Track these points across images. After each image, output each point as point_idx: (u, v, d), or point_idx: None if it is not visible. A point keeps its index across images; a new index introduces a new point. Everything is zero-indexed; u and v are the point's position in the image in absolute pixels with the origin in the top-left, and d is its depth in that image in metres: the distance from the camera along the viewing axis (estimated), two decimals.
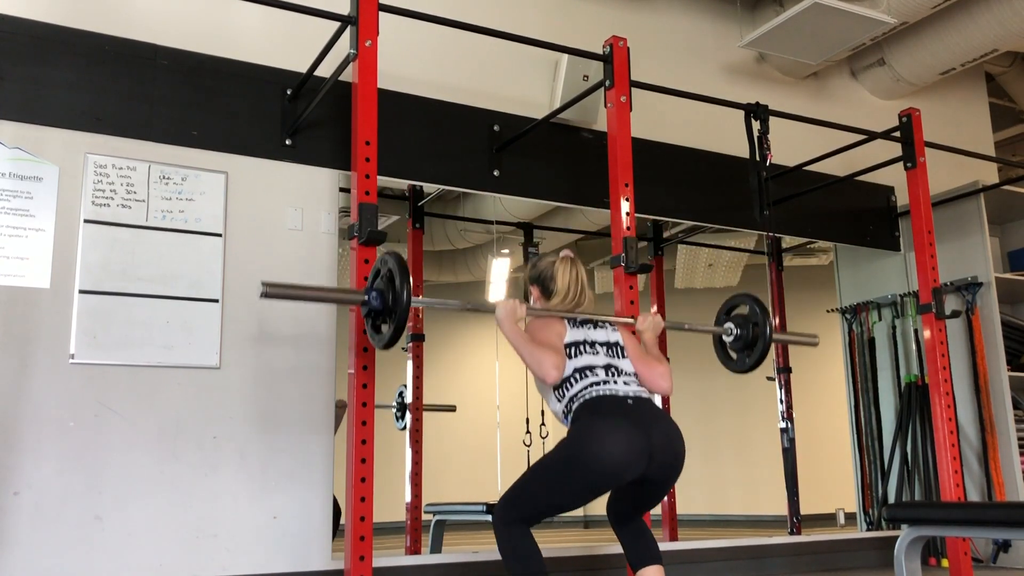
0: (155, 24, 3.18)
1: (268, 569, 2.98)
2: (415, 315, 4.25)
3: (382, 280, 2.39)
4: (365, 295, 2.39)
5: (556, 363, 2.43)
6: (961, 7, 4.45)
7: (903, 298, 4.72)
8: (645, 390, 2.53)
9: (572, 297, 2.63)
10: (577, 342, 2.54)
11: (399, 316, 2.31)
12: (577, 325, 2.59)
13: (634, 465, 2.31)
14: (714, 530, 5.29)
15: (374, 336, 2.45)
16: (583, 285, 2.65)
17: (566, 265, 2.66)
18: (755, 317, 2.99)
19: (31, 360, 2.78)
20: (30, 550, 2.67)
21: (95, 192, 2.96)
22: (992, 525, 2.41)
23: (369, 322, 2.46)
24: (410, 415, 4.15)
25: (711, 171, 4.31)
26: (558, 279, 2.64)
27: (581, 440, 2.35)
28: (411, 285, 2.32)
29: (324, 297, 2.64)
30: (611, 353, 2.56)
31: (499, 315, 2.51)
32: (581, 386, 2.46)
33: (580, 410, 2.43)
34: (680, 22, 4.55)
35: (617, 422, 2.33)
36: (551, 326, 2.56)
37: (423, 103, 3.64)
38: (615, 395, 2.43)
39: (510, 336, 2.49)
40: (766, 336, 2.95)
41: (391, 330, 2.34)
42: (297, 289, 2.49)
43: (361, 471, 2.48)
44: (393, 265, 2.34)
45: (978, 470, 4.30)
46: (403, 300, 2.29)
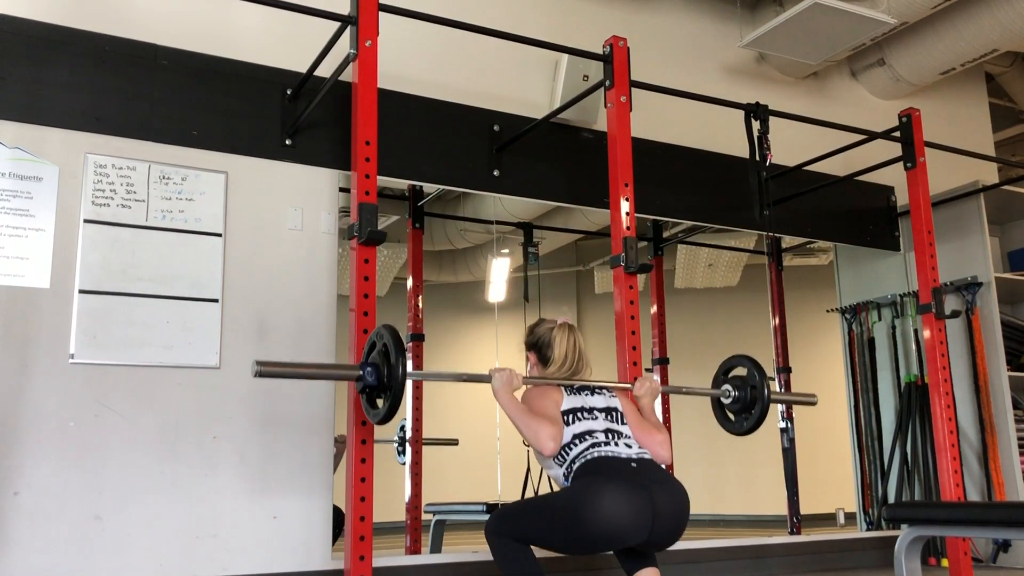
0: (155, 24, 3.18)
1: (268, 569, 2.98)
2: (414, 315, 4.25)
3: (377, 355, 2.35)
4: (360, 370, 2.35)
5: (553, 434, 2.40)
6: (961, 7, 4.45)
7: (903, 298, 4.72)
8: (648, 452, 2.50)
9: (569, 365, 2.63)
10: (575, 408, 2.52)
11: (395, 392, 2.28)
12: (574, 392, 2.58)
13: (635, 531, 2.27)
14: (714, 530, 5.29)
15: (370, 411, 2.40)
16: (580, 352, 2.65)
17: (564, 333, 2.66)
18: (753, 380, 2.96)
19: (31, 360, 2.78)
20: (30, 550, 2.67)
21: (95, 192, 2.96)
22: (992, 525, 2.41)
23: (364, 397, 2.41)
24: (411, 415, 4.15)
25: (711, 171, 4.31)
26: (555, 347, 2.65)
27: (584, 499, 2.28)
28: (406, 360, 2.28)
29: (319, 375, 2.63)
30: (610, 418, 2.55)
31: (495, 386, 2.49)
32: (582, 448, 2.43)
33: (581, 470, 2.39)
34: (680, 22, 4.55)
35: (620, 486, 2.27)
36: (548, 395, 2.55)
37: (423, 103, 3.64)
38: (618, 456, 2.40)
39: (506, 407, 2.46)
40: (764, 398, 2.92)
41: (387, 406, 2.32)
42: (291, 367, 2.46)
43: (361, 471, 2.48)
44: (388, 340, 2.30)
45: (978, 470, 4.30)
46: (398, 376, 2.26)
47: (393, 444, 4.23)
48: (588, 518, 2.24)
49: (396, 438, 4.23)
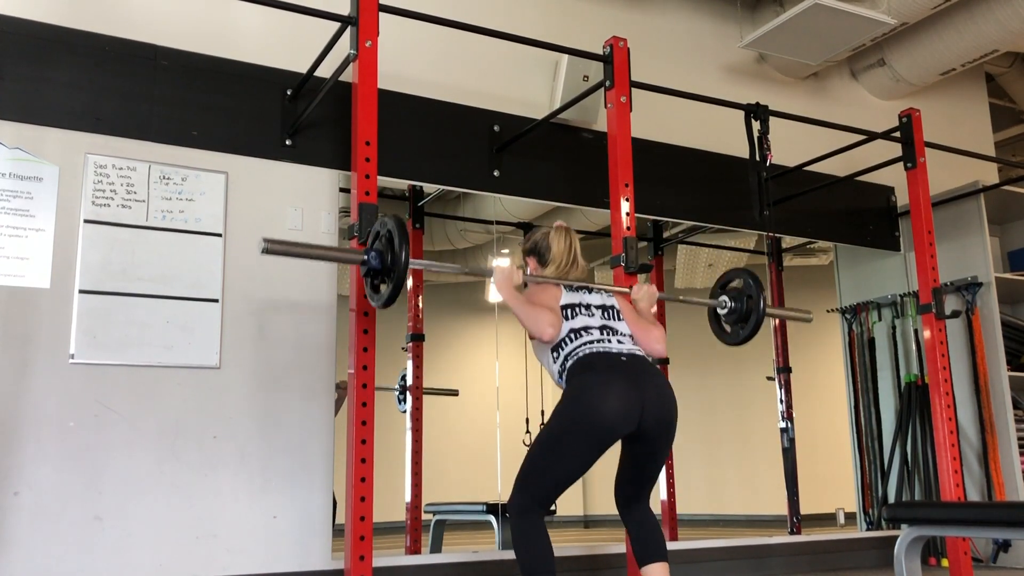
0: (155, 24, 3.18)
1: (268, 569, 2.98)
2: (414, 315, 4.25)
3: (381, 241, 2.42)
4: (364, 255, 2.42)
5: (552, 321, 2.48)
6: (961, 7, 4.45)
7: (903, 298, 4.72)
8: (640, 348, 2.57)
9: (566, 264, 2.70)
10: (573, 304, 2.59)
11: (397, 276, 2.34)
12: (573, 290, 2.64)
13: (627, 419, 2.35)
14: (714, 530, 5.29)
15: (373, 296, 2.47)
16: (576, 253, 2.72)
17: (560, 234, 2.74)
18: (749, 290, 3.03)
19: (31, 360, 2.78)
20: (30, 550, 2.67)
21: (95, 192, 2.96)
22: (992, 525, 2.41)
23: (368, 281, 2.48)
24: (410, 415, 4.15)
25: (711, 171, 4.31)
26: (553, 247, 2.72)
27: (574, 398, 2.40)
28: (409, 246, 2.35)
29: (324, 255, 2.65)
30: (607, 315, 2.61)
31: (496, 279, 2.56)
32: (576, 344, 2.50)
33: (575, 367, 2.47)
34: (680, 22, 4.55)
35: (610, 377, 2.39)
36: (547, 290, 2.63)
37: (423, 103, 3.64)
38: (609, 352, 2.48)
39: (507, 299, 2.54)
40: (760, 309, 2.98)
41: (389, 289, 2.38)
42: (298, 247, 2.50)
43: (361, 471, 2.49)
44: (392, 226, 2.37)
45: (978, 470, 4.30)
46: (401, 260, 2.33)
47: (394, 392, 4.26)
48: (584, 411, 2.35)
49: (397, 386, 4.26)
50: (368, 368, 2.54)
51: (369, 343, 2.55)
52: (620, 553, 3.13)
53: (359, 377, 2.53)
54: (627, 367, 2.44)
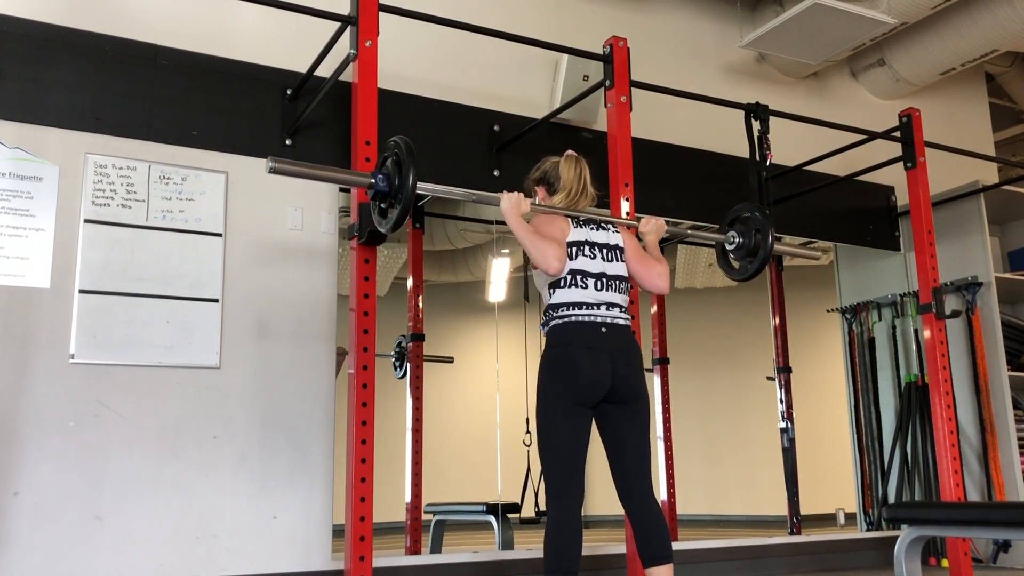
0: (155, 24, 3.18)
1: (268, 569, 2.98)
2: (415, 315, 4.25)
3: (390, 164, 2.43)
4: (372, 177, 2.42)
5: (559, 254, 2.50)
6: (961, 7, 4.45)
7: (903, 298, 4.72)
8: (622, 316, 2.59)
9: (575, 192, 2.69)
10: (578, 242, 2.60)
11: (405, 198, 2.35)
12: (580, 224, 2.64)
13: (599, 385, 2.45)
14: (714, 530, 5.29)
15: (380, 220, 2.47)
16: (586, 181, 2.72)
17: (570, 162, 2.74)
18: (757, 223, 3.01)
19: (31, 360, 2.78)
20: (30, 550, 2.67)
21: (95, 192, 2.96)
22: (992, 525, 2.41)
23: (375, 205, 2.48)
24: (411, 415, 4.15)
25: (711, 171, 4.31)
26: (562, 175, 2.72)
27: (551, 370, 2.49)
28: (416, 169, 2.36)
29: (330, 177, 2.64)
30: (608, 257, 2.62)
31: (503, 207, 2.56)
32: (566, 300, 2.54)
33: (557, 329, 2.53)
34: (680, 22, 4.55)
35: (585, 352, 2.47)
36: (555, 222, 2.62)
37: (423, 103, 3.64)
38: (593, 321, 2.52)
39: (515, 228, 2.54)
40: (768, 243, 2.98)
41: (397, 213, 2.38)
42: (304, 166, 2.49)
43: (361, 471, 2.48)
44: (402, 149, 2.38)
45: (978, 470, 4.30)
46: (409, 183, 2.34)
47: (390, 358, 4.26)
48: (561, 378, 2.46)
49: (393, 352, 4.26)
50: (368, 368, 2.54)
51: (369, 343, 2.55)
52: (620, 553, 3.13)
53: (359, 377, 2.53)
54: (604, 338, 2.51)
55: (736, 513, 5.85)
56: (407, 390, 4.19)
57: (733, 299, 5.69)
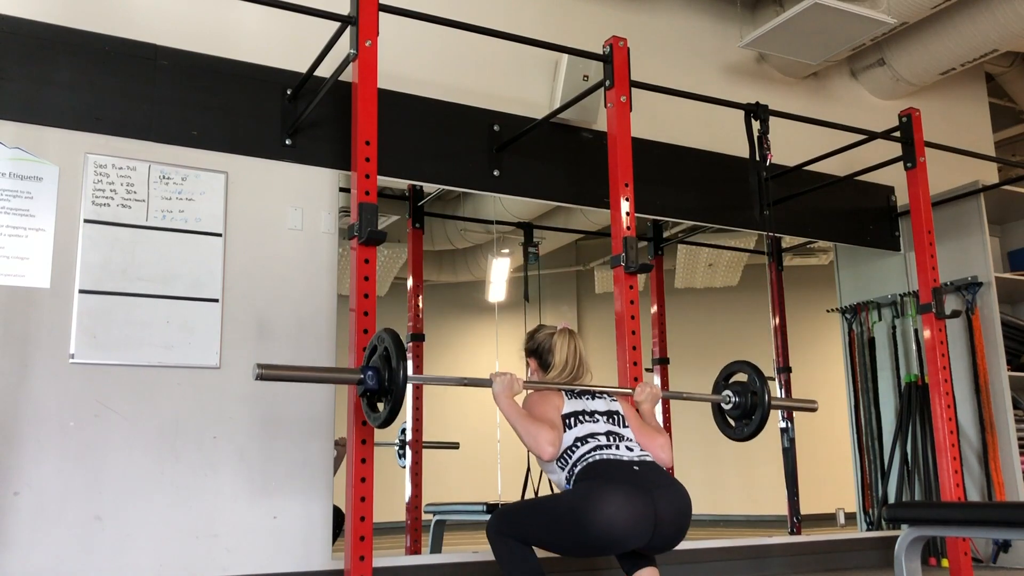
0: (155, 24, 3.18)
1: (268, 569, 2.98)
2: (415, 315, 4.25)
3: (379, 359, 2.34)
4: (361, 374, 2.34)
5: (551, 439, 2.40)
6: (961, 7, 4.45)
7: (903, 298, 4.72)
8: (649, 455, 2.48)
9: (570, 371, 2.63)
10: (576, 412, 2.52)
11: (395, 396, 2.27)
12: (575, 396, 2.58)
13: (637, 536, 2.25)
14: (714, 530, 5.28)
15: (371, 415, 2.40)
16: (581, 358, 2.65)
17: (564, 338, 2.66)
18: (753, 386, 2.97)
19: (31, 360, 2.78)
20: (30, 550, 2.67)
21: (95, 192, 2.96)
22: (992, 525, 2.41)
23: (365, 401, 2.41)
24: (411, 415, 4.15)
25: (711, 171, 4.31)
26: (556, 352, 2.65)
27: (584, 504, 2.26)
28: (407, 364, 2.28)
29: (320, 378, 2.61)
30: (612, 421, 2.54)
31: (495, 390, 2.49)
32: (584, 451, 2.42)
33: (583, 473, 2.37)
34: (680, 22, 4.55)
35: (622, 489, 2.25)
36: (548, 399, 2.55)
37: (423, 103, 3.64)
38: (620, 459, 2.39)
39: (506, 412, 2.46)
40: (764, 405, 2.93)
41: (387, 410, 2.31)
42: (292, 370, 2.44)
43: (361, 471, 2.48)
44: (389, 344, 2.30)
45: (978, 470, 4.30)
46: (399, 380, 2.26)
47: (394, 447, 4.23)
48: (591, 522, 2.22)
49: (397, 441, 4.23)
50: None
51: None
52: None
53: None
54: (640, 477, 2.32)
55: (736, 513, 5.84)
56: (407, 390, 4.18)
57: (733, 299, 5.68)
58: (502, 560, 2.37)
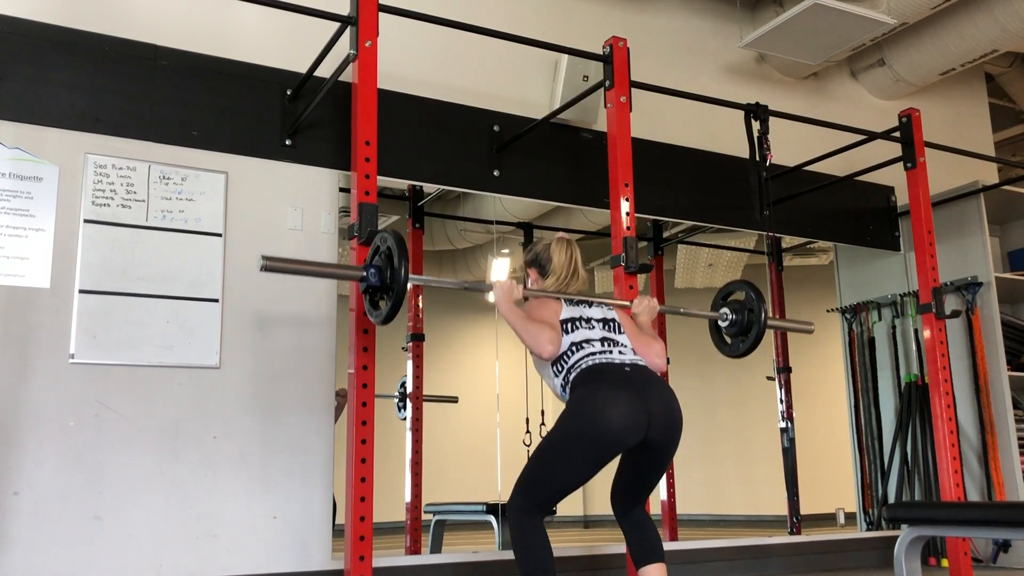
0: (155, 24, 3.18)
1: (268, 569, 2.98)
2: (415, 315, 4.25)
3: (380, 257, 2.42)
4: (364, 271, 2.42)
5: (551, 338, 2.48)
6: (961, 8, 4.45)
7: (903, 298, 4.72)
8: (642, 359, 2.56)
9: (567, 276, 2.70)
10: (573, 318, 2.58)
11: (397, 293, 2.34)
12: (573, 304, 2.64)
13: (634, 430, 2.33)
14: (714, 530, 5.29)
15: (372, 312, 2.47)
16: (577, 265, 2.72)
17: (561, 246, 2.73)
18: (751, 303, 3.02)
19: (31, 360, 2.78)
20: (30, 550, 2.67)
21: (95, 192, 2.96)
22: (992, 525, 2.41)
23: (367, 298, 2.48)
24: (410, 415, 4.15)
25: (711, 171, 4.31)
26: (554, 259, 2.72)
27: (580, 410, 2.38)
28: (409, 262, 2.35)
29: (323, 272, 2.65)
30: (607, 328, 2.61)
31: (496, 294, 2.56)
32: (578, 357, 2.50)
33: (578, 380, 2.46)
34: (680, 22, 4.55)
35: (615, 389, 2.37)
36: (547, 305, 2.62)
37: (423, 103, 3.64)
38: (612, 363, 2.47)
39: (506, 315, 2.53)
40: (761, 322, 2.98)
41: (388, 306, 2.38)
42: (297, 264, 2.49)
43: (361, 471, 2.49)
44: (392, 243, 2.37)
45: (978, 470, 4.30)
46: (401, 277, 2.33)
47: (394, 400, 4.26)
48: (591, 422, 2.32)
49: (397, 393, 4.26)
50: (368, 368, 2.54)
51: (369, 343, 2.55)
52: (620, 553, 3.13)
53: (359, 378, 2.53)
54: (632, 377, 2.43)
55: (736, 513, 5.85)
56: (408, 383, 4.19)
57: None
58: (519, 548, 2.39)
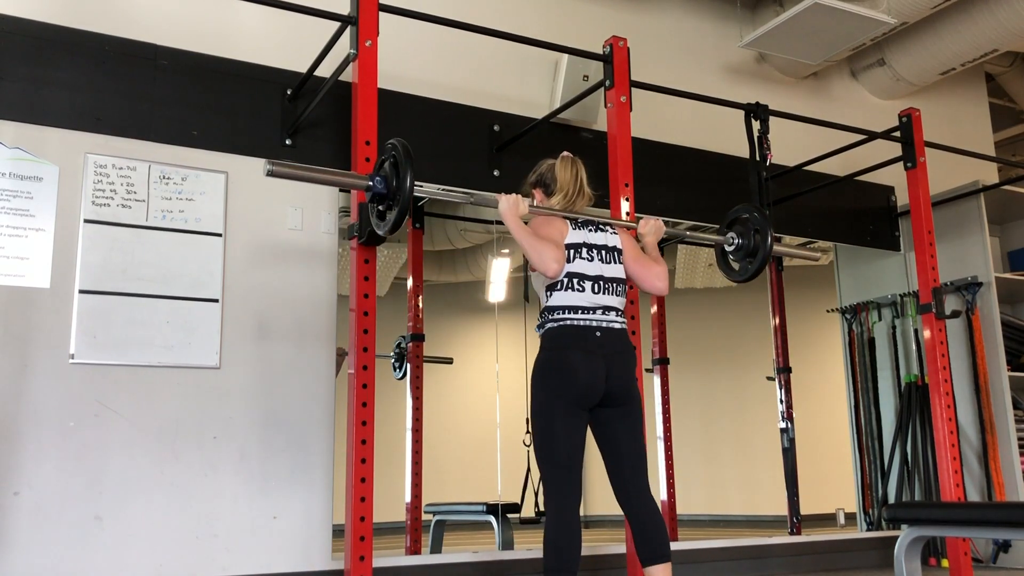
0: (155, 24, 3.18)
1: (268, 569, 2.98)
2: (415, 315, 4.25)
3: (388, 166, 2.43)
4: (370, 180, 2.43)
5: (557, 256, 2.51)
6: (961, 7, 4.45)
7: (903, 298, 4.72)
8: (618, 320, 2.59)
9: (572, 193, 2.70)
10: (576, 244, 2.60)
11: (403, 200, 2.36)
12: (579, 226, 2.65)
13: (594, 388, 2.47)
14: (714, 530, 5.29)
15: (378, 223, 2.48)
16: (582, 182, 2.72)
17: (566, 163, 2.74)
18: (756, 223, 3.03)
19: (31, 360, 2.78)
20: (30, 550, 2.67)
21: (95, 192, 2.96)
22: (992, 525, 2.41)
23: (373, 208, 2.49)
24: (411, 415, 4.15)
25: (711, 171, 4.31)
26: (559, 176, 2.72)
27: (545, 372, 2.50)
28: (415, 172, 2.37)
29: (328, 179, 2.63)
30: (606, 259, 2.63)
31: (502, 208, 2.57)
32: (562, 303, 2.54)
33: (552, 332, 2.54)
34: (680, 22, 4.55)
35: (579, 353, 2.48)
36: (553, 224, 2.63)
37: (423, 103, 3.64)
38: (588, 326, 2.53)
39: (513, 229, 2.55)
40: (767, 243, 2.99)
41: (395, 215, 2.39)
42: (302, 168, 2.48)
43: (361, 471, 2.48)
44: (400, 151, 2.39)
45: (978, 470, 4.30)
46: (406, 185, 2.35)
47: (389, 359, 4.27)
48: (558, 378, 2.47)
49: (393, 353, 4.26)
50: (368, 368, 2.54)
51: (369, 343, 2.55)
52: (620, 553, 3.13)
53: (359, 377, 2.53)
54: (598, 341, 2.52)
55: (736, 513, 5.85)
56: (407, 390, 4.19)
57: (733, 299, 5.69)
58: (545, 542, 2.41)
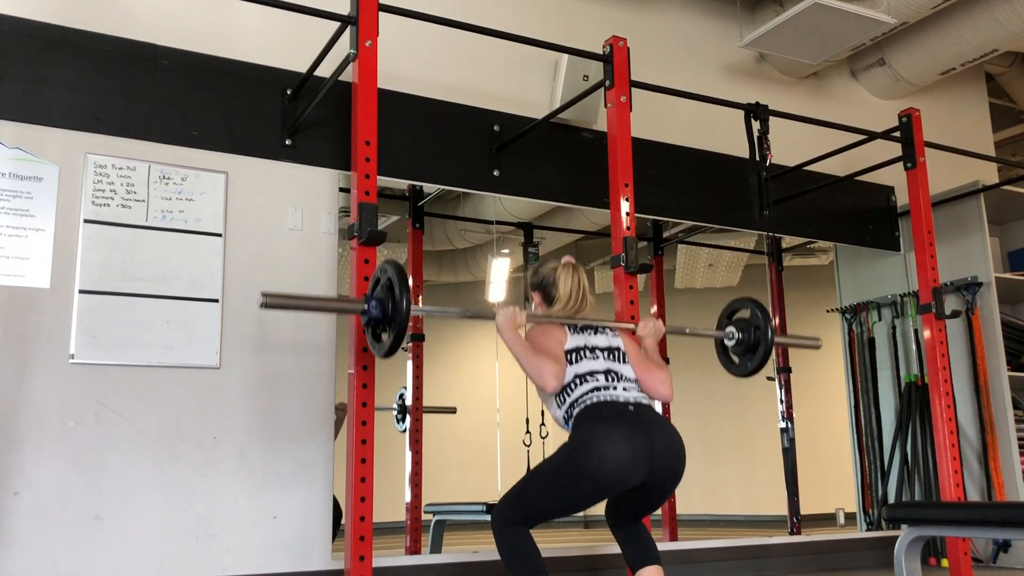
0: (155, 24, 3.18)
1: (268, 569, 2.98)
2: (415, 316, 4.25)
3: (382, 289, 2.39)
4: (365, 304, 2.38)
5: (555, 372, 2.43)
6: (961, 7, 4.45)
7: (903, 298, 4.72)
8: (645, 396, 2.52)
9: (574, 303, 2.63)
10: (578, 348, 2.54)
11: (399, 325, 2.31)
12: (578, 331, 2.59)
13: (635, 471, 2.30)
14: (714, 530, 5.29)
15: (374, 345, 2.44)
16: (584, 291, 2.65)
17: (568, 271, 2.67)
18: (757, 321, 2.98)
19: (31, 360, 2.78)
20: (30, 550, 2.67)
21: (95, 192, 2.96)
22: (992, 525, 2.41)
23: (369, 331, 2.45)
24: (410, 415, 4.15)
25: (711, 171, 4.31)
26: (560, 285, 2.65)
27: (583, 447, 2.34)
28: (411, 294, 2.31)
29: (323, 307, 2.63)
30: (612, 357, 2.56)
31: (499, 322, 2.50)
32: (582, 391, 2.45)
33: (581, 416, 2.42)
34: (680, 22, 4.55)
35: (618, 428, 2.33)
36: (552, 333, 2.56)
37: (423, 103, 3.64)
38: (616, 401, 2.43)
39: (510, 344, 2.48)
40: (768, 340, 2.94)
41: (391, 339, 2.35)
42: (296, 299, 2.46)
43: (361, 471, 2.48)
44: (392, 274, 2.34)
45: (978, 470, 4.30)
46: (403, 309, 2.29)
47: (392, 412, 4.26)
48: (592, 460, 2.29)
49: (396, 405, 4.26)
50: (368, 368, 2.54)
51: (369, 361, 2.55)
52: (619, 554, 3.12)
53: (359, 378, 2.53)
54: (635, 417, 2.39)
55: (736, 513, 5.85)
56: (407, 392, 4.19)
57: None
58: (507, 555, 2.37)
